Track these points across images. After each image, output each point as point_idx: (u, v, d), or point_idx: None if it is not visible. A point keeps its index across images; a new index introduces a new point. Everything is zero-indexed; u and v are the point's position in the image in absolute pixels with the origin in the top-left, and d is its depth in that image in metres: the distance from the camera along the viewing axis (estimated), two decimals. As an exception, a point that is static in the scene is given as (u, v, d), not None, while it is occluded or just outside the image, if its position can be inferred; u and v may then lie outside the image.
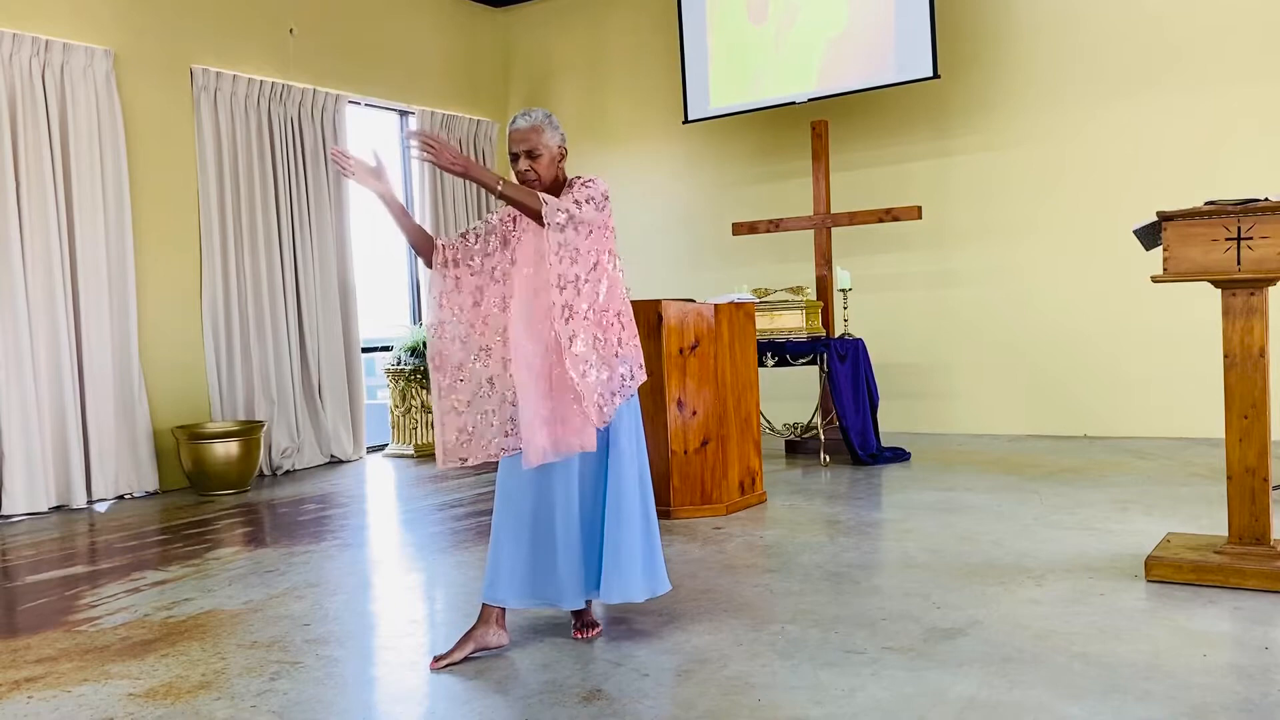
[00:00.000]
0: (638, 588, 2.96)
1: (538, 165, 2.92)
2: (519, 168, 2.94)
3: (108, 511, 5.65)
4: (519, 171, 2.95)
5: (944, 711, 2.38)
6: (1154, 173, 6.43)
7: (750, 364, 5.11)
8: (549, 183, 2.95)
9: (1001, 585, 3.38)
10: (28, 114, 5.66)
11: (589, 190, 2.89)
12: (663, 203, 8.38)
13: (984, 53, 7.02)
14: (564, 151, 2.97)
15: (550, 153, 2.93)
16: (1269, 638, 2.77)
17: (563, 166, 2.99)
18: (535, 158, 2.91)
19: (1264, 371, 3.23)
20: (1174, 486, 4.94)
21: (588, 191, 2.89)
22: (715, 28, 7.64)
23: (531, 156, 2.91)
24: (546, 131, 2.93)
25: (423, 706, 2.62)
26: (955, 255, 7.20)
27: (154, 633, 3.28)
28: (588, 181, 2.94)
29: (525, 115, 2.95)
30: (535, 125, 2.92)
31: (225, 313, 6.62)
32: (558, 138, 2.95)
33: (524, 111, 2.96)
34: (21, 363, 5.57)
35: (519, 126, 2.93)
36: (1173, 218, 3.24)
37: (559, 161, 2.96)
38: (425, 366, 7.43)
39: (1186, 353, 6.27)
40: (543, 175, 2.94)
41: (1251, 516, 3.25)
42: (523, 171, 2.94)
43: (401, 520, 5.16)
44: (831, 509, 4.83)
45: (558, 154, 2.95)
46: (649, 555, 3.01)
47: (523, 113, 2.97)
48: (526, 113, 2.96)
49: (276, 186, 6.93)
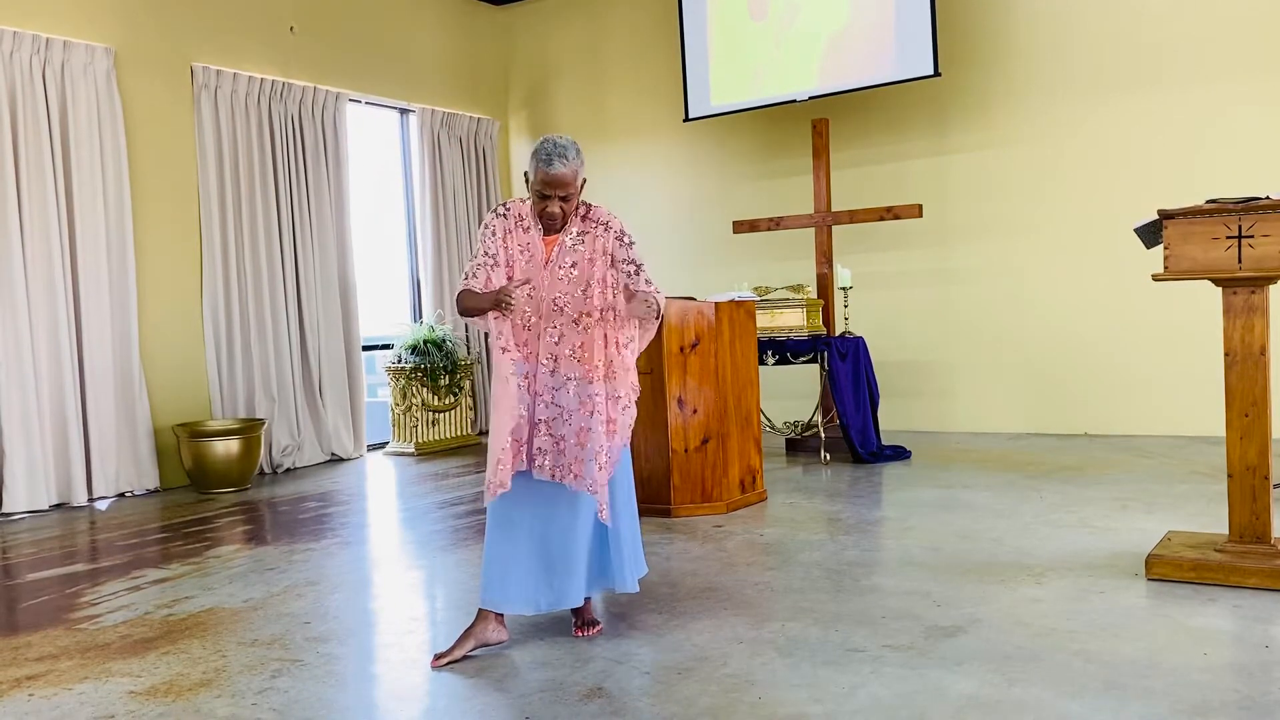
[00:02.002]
0: (632, 578, 3.07)
1: (568, 206, 2.87)
2: (550, 208, 2.86)
3: (108, 509, 5.65)
4: (548, 212, 2.86)
5: (944, 709, 2.38)
6: (1154, 170, 6.42)
7: (751, 362, 5.11)
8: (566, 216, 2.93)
9: (1002, 583, 3.38)
10: (28, 112, 5.66)
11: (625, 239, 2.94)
12: (663, 201, 8.38)
13: (985, 50, 7.02)
14: (584, 181, 2.93)
15: (578, 191, 2.90)
16: (1269, 636, 2.77)
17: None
18: (568, 199, 2.86)
19: (1265, 370, 3.23)
20: (1174, 485, 4.94)
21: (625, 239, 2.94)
22: (716, 25, 7.63)
23: (565, 200, 2.85)
24: (581, 171, 2.87)
25: (423, 704, 2.62)
26: (956, 253, 7.20)
27: (155, 630, 3.28)
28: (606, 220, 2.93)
29: (561, 159, 2.81)
30: (572, 169, 2.82)
31: (226, 310, 6.62)
32: (583, 173, 2.90)
33: (558, 150, 2.81)
34: (22, 361, 5.57)
35: (560, 173, 2.80)
36: (1174, 216, 3.24)
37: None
38: (425, 365, 7.44)
39: (1187, 351, 6.27)
40: (569, 213, 2.91)
41: (1252, 515, 3.25)
42: (552, 213, 2.86)
43: (402, 518, 5.17)
44: (832, 507, 4.83)
45: (581, 189, 2.92)
46: (634, 544, 3.13)
47: (558, 152, 2.81)
48: (562, 153, 2.81)
49: (277, 184, 6.92)
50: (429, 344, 7.50)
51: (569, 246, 2.93)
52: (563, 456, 2.90)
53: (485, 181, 8.72)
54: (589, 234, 2.94)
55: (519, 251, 2.94)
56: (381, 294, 8.20)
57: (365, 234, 7.85)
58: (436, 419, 7.64)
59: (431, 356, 7.48)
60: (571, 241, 2.93)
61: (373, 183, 8.16)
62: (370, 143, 8.14)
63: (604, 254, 2.93)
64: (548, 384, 2.92)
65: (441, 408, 7.64)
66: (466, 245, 8.45)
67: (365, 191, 7.96)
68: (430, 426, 7.60)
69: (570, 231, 2.94)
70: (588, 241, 2.93)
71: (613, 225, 2.95)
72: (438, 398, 7.61)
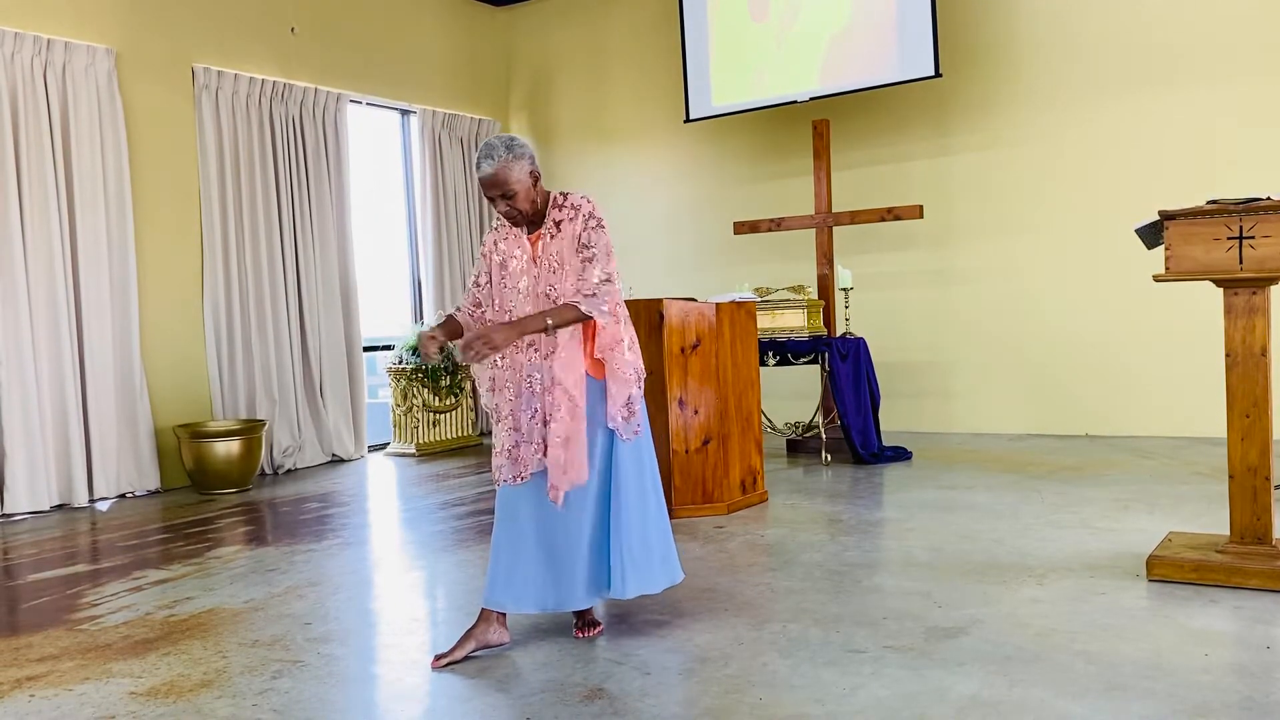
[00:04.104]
0: (656, 579, 3.00)
1: (516, 202, 2.88)
2: (500, 210, 2.91)
3: (109, 510, 5.65)
4: (501, 214, 2.92)
5: (945, 710, 2.38)
6: (1155, 171, 6.42)
7: (751, 363, 5.11)
8: (533, 211, 2.93)
9: (1003, 584, 3.38)
10: (30, 113, 5.66)
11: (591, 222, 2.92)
12: (664, 201, 8.38)
13: (986, 51, 7.02)
14: (536, 175, 2.91)
15: (524, 186, 2.87)
16: (1270, 637, 2.77)
17: (539, 188, 2.94)
18: (511, 197, 2.86)
19: (1266, 370, 3.23)
20: (1175, 485, 4.94)
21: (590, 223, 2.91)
22: (717, 26, 7.63)
23: (507, 197, 2.86)
24: (512, 168, 2.84)
25: (424, 705, 2.62)
26: (957, 254, 7.20)
27: (155, 631, 3.28)
28: (578, 204, 2.93)
29: (487, 159, 2.83)
30: (500, 167, 2.82)
31: (227, 311, 6.62)
32: (525, 167, 2.87)
33: (484, 153, 2.84)
34: (23, 362, 5.57)
35: (485, 173, 2.84)
36: (1175, 217, 3.23)
37: (534, 186, 2.91)
38: (426, 366, 7.44)
39: (1188, 351, 6.26)
40: (525, 209, 2.91)
41: (1253, 516, 3.25)
42: (504, 213, 2.91)
43: (403, 519, 5.17)
44: (833, 508, 4.83)
45: (530, 182, 2.89)
46: (664, 545, 3.05)
47: (484, 154, 2.84)
48: (488, 155, 2.84)
49: (278, 185, 6.93)
50: (430, 345, 7.49)
51: (549, 239, 2.95)
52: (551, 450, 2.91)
53: (486, 182, 8.71)
54: (564, 222, 2.95)
55: (515, 256, 2.97)
56: (382, 295, 8.20)
57: (366, 235, 7.85)
58: (437, 420, 7.65)
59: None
60: (551, 233, 2.95)
61: (373, 183, 8.16)
62: (371, 143, 8.14)
63: (574, 239, 2.94)
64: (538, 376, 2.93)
65: (442, 408, 7.65)
66: (467, 246, 8.46)
67: (366, 192, 7.96)
68: (431, 427, 7.60)
69: (548, 223, 2.96)
70: (564, 229, 2.94)
71: (583, 208, 2.95)
72: (439, 398, 7.61)
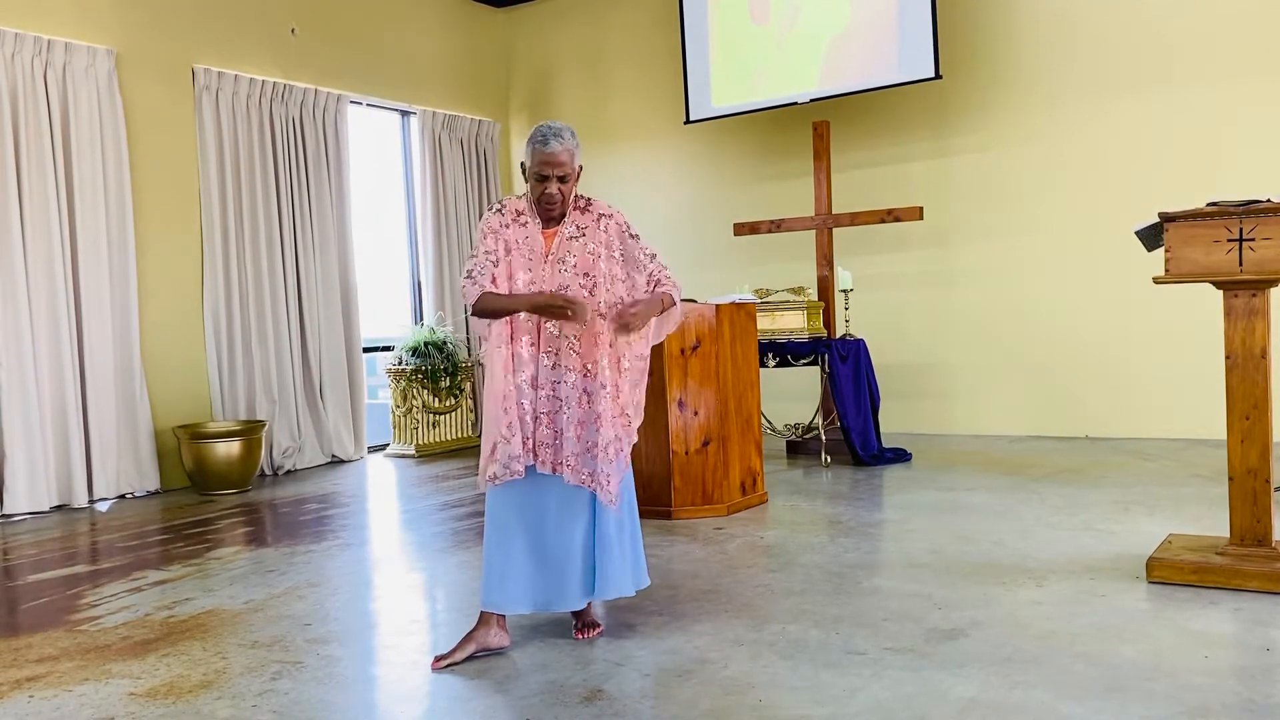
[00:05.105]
0: (628, 582, 3.03)
1: (565, 188, 2.86)
2: (548, 189, 2.85)
3: (109, 511, 5.65)
4: (547, 194, 2.85)
5: (945, 712, 2.37)
6: (1155, 172, 6.42)
7: (751, 364, 5.11)
8: (564, 203, 2.92)
9: (1003, 586, 3.38)
10: (30, 114, 5.66)
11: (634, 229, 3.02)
12: (664, 203, 8.38)
13: (986, 53, 7.02)
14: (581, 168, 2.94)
15: (577, 174, 2.90)
16: (1270, 639, 2.77)
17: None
18: (565, 180, 2.85)
19: (1265, 372, 3.23)
20: (1175, 487, 4.93)
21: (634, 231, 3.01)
22: (717, 27, 7.64)
23: (563, 180, 2.85)
24: (576, 155, 2.86)
25: (424, 706, 2.62)
26: (957, 255, 7.20)
27: (155, 632, 3.28)
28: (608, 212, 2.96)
29: (558, 137, 2.82)
30: (571, 150, 2.83)
31: (227, 312, 6.62)
32: (580, 157, 2.90)
33: (553, 131, 2.82)
34: (23, 362, 5.57)
35: (555, 151, 2.81)
36: (1175, 219, 3.23)
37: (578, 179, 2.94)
38: (426, 367, 7.44)
39: (1188, 353, 6.26)
40: (568, 197, 2.90)
41: (1253, 518, 3.25)
42: (551, 194, 2.85)
43: (402, 520, 5.17)
44: (833, 509, 4.83)
45: (579, 173, 2.92)
46: (636, 551, 3.09)
47: (553, 132, 2.83)
48: (558, 134, 2.82)
49: (278, 186, 6.92)
50: (430, 346, 7.51)
51: (568, 238, 2.93)
52: (560, 450, 2.90)
53: (486, 183, 8.72)
54: (590, 227, 2.94)
55: (518, 246, 2.93)
56: (382, 296, 8.20)
57: (366, 236, 7.85)
58: (437, 421, 7.64)
59: (432, 358, 7.49)
60: (571, 234, 2.93)
61: (374, 184, 8.16)
62: (371, 144, 8.14)
63: (607, 248, 2.93)
64: (549, 376, 2.93)
65: (442, 409, 7.64)
66: (467, 247, 8.45)
67: (366, 193, 7.96)
68: (431, 428, 7.60)
69: (569, 224, 2.94)
70: (589, 234, 2.93)
71: (616, 217, 2.97)
72: (438, 400, 7.61)
